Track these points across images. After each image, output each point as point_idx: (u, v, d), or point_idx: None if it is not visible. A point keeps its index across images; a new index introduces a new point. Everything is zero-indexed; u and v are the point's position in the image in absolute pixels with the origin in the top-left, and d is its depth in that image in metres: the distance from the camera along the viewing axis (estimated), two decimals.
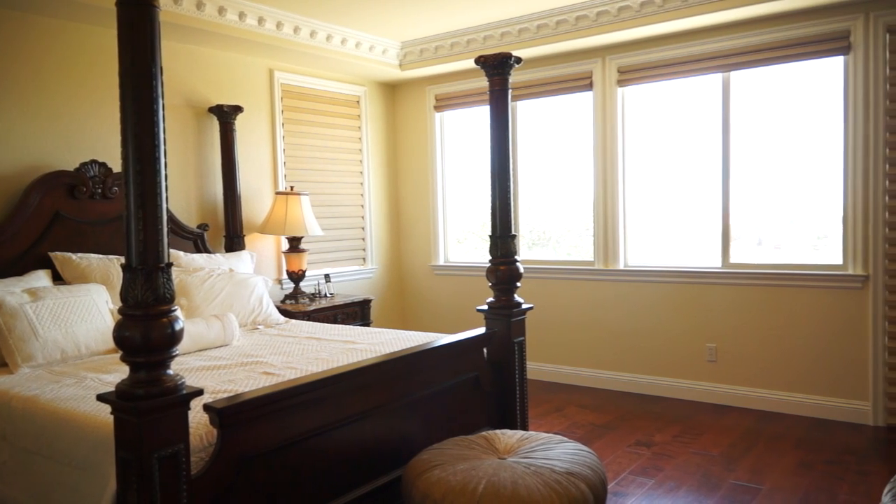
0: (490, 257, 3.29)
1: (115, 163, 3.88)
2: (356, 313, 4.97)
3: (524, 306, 3.32)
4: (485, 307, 3.33)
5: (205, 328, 3.42)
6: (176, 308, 1.84)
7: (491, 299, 3.33)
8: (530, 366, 5.11)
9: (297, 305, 4.66)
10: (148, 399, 1.77)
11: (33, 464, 2.44)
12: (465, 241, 6.03)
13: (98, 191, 3.85)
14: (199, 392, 1.90)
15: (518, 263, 3.28)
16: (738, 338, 4.56)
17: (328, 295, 4.99)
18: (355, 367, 2.53)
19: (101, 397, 1.85)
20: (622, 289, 5.02)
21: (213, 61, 4.64)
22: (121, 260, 3.59)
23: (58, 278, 3.54)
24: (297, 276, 4.81)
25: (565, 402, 4.80)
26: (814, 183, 4.39)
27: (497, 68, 3.20)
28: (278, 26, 4.52)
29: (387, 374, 2.67)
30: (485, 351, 3.26)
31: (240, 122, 4.66)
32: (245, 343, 3.55)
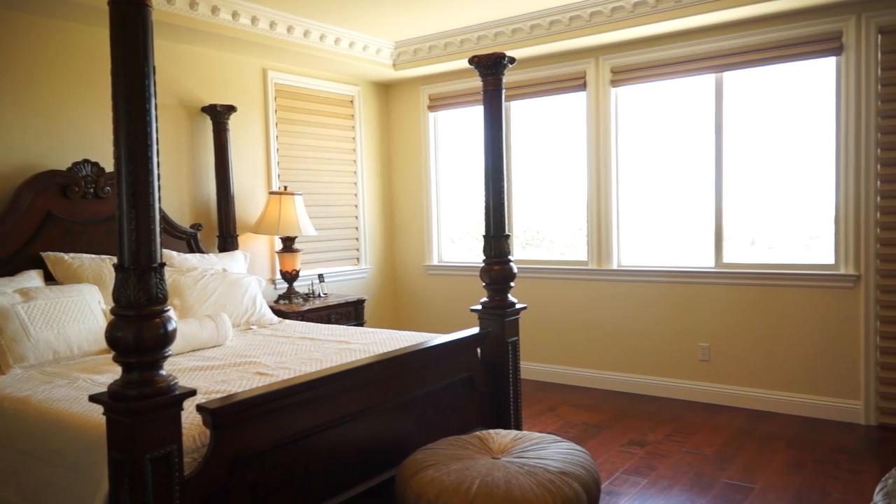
0: (484, 257, 3.29)
1: (107, 162, 3.86)
2: (350, 313, 4.96)
3: (518, 306, 3.33)
4: (478, 307, 3.33)
5: (198, 328, 3.41)
6: (169, 308, 1.83)
7: (485, 299, 3.33)
8: (524, 365, 5.11)
9: (290, 305, 4.65)
10: (140, 400, 1.77)
11: (25, 465, 2.43)
12: (458, 241, 6.03)
13: (90, 190, 3.83)
14: (192, 392, 1.90)
15: (512, 263, 3.29)
16: (730, 337, 4.58)
17: (322, 295, 4.98)
18: (349, 368, 2.53)
19: (94, 398, 1.85)
20: (616, 288, 5.03)
21: (206, 61, 4.62)
22: (113, 260, 3.57)
23: (50, 278, 3.52)
24: (290, 276, 4.81)
25: (559, 401, 4.81)
26: (806, 183, 4.41)
27: (491, 68, 3.20)
28: (272, 26, 4.51)
29: (380, 374, 2.67)
30: (478, 351, 3.26)
31: (233, 122, 4.65)
32: (238, 343, 3.54)
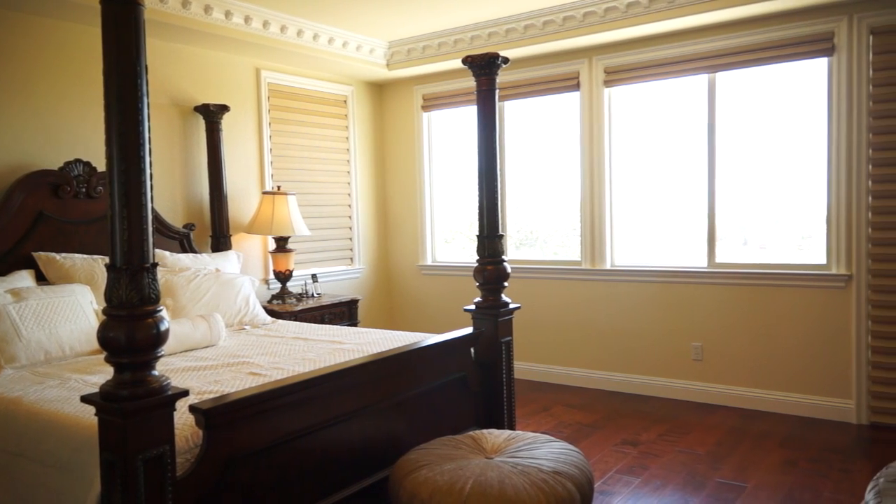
0: (477, 257, 3.29)
1: (99, 162, 3.84)
2: (343, 313, 4.96)
3: (511, 306, 3.33)
4: (472, 307, 3.33)
5: (191, 328, 3.40)
6: (161, 308, 1.83)
7: (478, 299, 3.33)
8: (517, 365, 5.12)
9: (283, 305, 4.64)
10: (132, 400, 1.76)
11: (17, 466, 2.42)
12: (452, 241, 6.03)
13: (82, 190, 3.81)
14: (185, 393, 1.89)
15: (505, 263, 3.29)
16: (723, 337, 4.59)
17: (315, 295, 4.97)
18: (342, 368, 2.53)
19: (85, 398, 1.84)
20: (609, 288, 5.04)
21: (199, 60, 4.61)
22: (105, 260, 3.54)
23: (41, 279, 3.50)
24: (284, 276, 4.80)
25: (552, 401, 4.82)
26: (798, 183, 4.43)
27: (484, 68, 3.20)
28: (265, 25, 4.50)
29: (374, 374, 2.66)
30: (472, 351, 3.26)
31: (226, 122, 4.64)
32: (231, 343, 3.53)
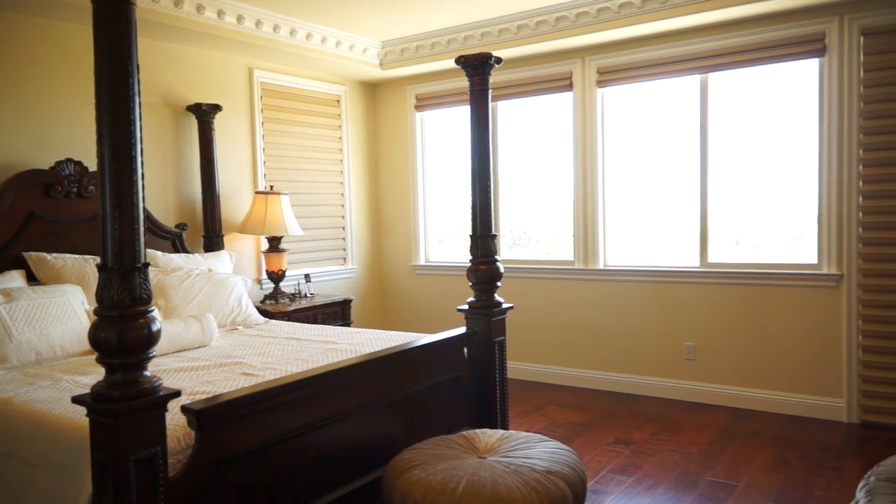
0: (471, 257, 3.29)
1: (90, 161, 3.82)
2: (336, 313, 4.95)
3: (504, 306, 3.33)
4: (465, 307, 3.33)
5: (183, 329, 3.38)
6: (153, 309, 1.82)
7: (471, 299, 3.33)
8: (510, 365, 5.12)
9: (276, 306, 4.63)
10: (124, 401, 1.75)
11: (7, 467, 2.40)
12: (445, 241, 6.03)
13: (73, 190, 3.79)
14: (177, 393, 1.88)
15: (498, 263, 3.29)
16: (715, 336, 4.61)
17: (308, 295, 4.96)
18: (335, 368, 2.52)
19: (77, 399, 1.83)
20: (602, 288, 5.05)
21: (191, 59, 4.59)
22: (97, 260, 3.53)
23: (32, 279, 3.48)
24: (276, 276, 4.78)
25: (545, 401, 4.82)
26: (790, 183, 4.45)
27: (477, 68, 3.21)
28: (257, 24, 4.49)
29: (367, 374, 2.66)
30: (465, 350, 3.26)
31: (219, 121, 4.62)
32: (224, 344, 3.52)
